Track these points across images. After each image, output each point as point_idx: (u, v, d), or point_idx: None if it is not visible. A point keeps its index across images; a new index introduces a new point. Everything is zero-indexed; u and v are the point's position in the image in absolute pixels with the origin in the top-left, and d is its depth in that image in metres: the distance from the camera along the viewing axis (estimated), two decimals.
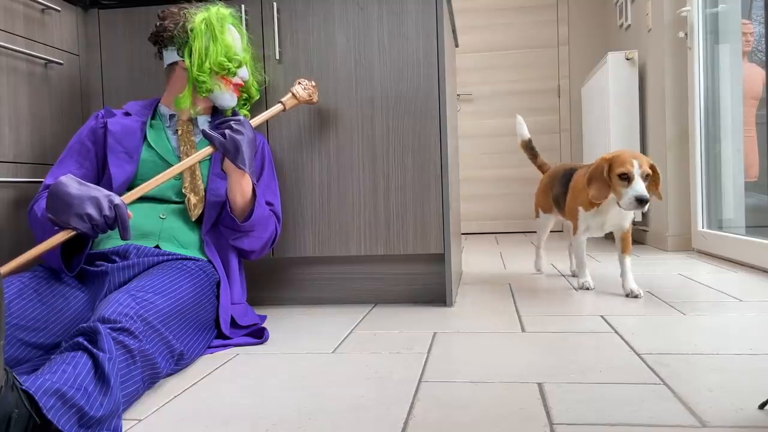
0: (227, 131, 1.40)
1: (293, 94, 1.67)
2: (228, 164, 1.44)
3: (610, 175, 1.80)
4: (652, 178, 1.82)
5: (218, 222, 1.54)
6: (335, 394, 1.06)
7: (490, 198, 4.65)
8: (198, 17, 1.56)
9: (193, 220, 1.51)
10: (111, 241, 1.44)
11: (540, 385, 1.07)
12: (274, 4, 1.78)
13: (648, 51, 3.38)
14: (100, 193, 1.21)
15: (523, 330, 1.48)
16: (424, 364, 1.22)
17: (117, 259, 1.38)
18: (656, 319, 1.55)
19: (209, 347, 1.37)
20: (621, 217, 1.96)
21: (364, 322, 1.61)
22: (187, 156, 1.54)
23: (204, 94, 1.57)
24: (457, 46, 2.62)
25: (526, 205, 4.61)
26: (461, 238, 3.62)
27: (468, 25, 4.64)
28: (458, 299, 1.91)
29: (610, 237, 3.97)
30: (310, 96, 1.70)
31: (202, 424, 0.94)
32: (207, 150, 1.42)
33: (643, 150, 3.51)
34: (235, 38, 1.62)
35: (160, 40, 1.61)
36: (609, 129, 3.43)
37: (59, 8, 1.73)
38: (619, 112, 3.42)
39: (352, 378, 1.14)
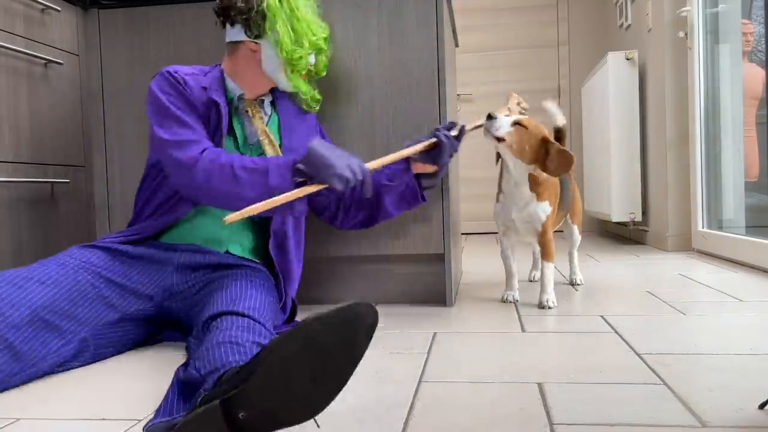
0: (455, 142, 1.53)
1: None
2: (422, 169, 1.55)
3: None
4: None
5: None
6: None
7: (490, 198, 4.64)
8: None
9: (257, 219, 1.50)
10: (183, 235, 1.46)
11: (540, 385, 1.07)
12: None
13: (648, 51, 3.38)
14: (354, 159, 1.33)
15: (523, 330, 1.48)
16: (424, 364, 1.22)
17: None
18: (656, 319, 1.55)
19: None
20: (529, 211, 1.77)
21: None
22: (268, 140, 1.47)
23: (301, 71, 1.48)
24: (457, 46, 2.62)
25: None
26: (461, 238, 3.62)
27: (468, 25, 4.64)
28: (458, 299, 1.91)
29: (609, 237, 3.97)
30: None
31: None
32: (418, 147, 1.50)
33: (643, 150, 3.51)
34: (310, 11, 1.50)
35: (228, 16, 1.45)
36: (609, 129, 3.43)
37: (59, 8, 1.73)
38: (619, 112, 3.41)
39: (352, 378, 1.14)
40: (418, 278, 1.86)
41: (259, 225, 1.53)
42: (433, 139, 1.50)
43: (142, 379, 1.18)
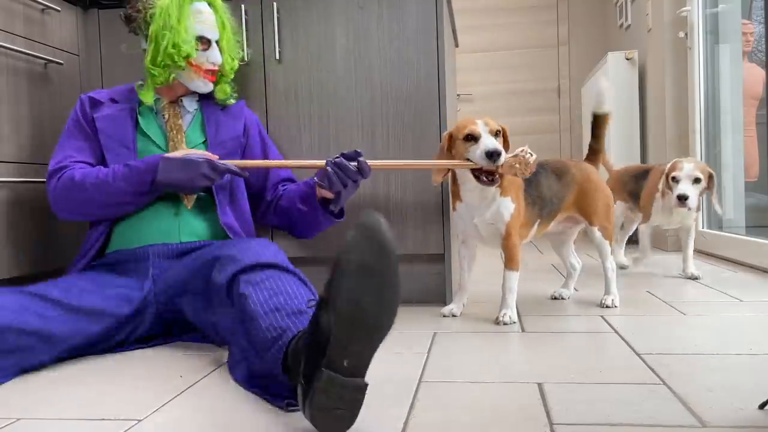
0: (350, 182, 1.44)
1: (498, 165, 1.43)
2: (324, 194, 1.52)
3: (452, 145, 1.51)
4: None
5: (234, 204, 1.56)
6: None
7: None
8: (160, 2, 1.49)
9: (189, 208, 1.50)
10: (136, 237, 1.47)
11: (540, 385, 1.07)
12: (274, 4, 1.77)
13: (648, 51, 3.38)
14: (203, 165, 1.40)
15: (523, 330, 1.48)
16: (424, 364, 1.22)
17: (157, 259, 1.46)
18: (656, 319, 1.55)
19: None
20: (491, 210, 1.54)
21: None
22: (174, 142, 1.52)
23: (158, 85, 1.52)
24: (457, 46, 2.62)
25: None
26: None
27: (468, 25, 4.64)
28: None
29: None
30: (515, 173, 1.45)
31: (202, 424, 0.94)
32: (304, 163, 1.50)
33: (643, 150, 3.51)
34: (204, 19, 1.52)
35: (130, 26, 1.55)
36: (609, 129, 3.43)
37: (59, 8, 1.73)
38: (619, 112, 3.42)
39: None
40: (418, 278, 1.86)
41: (206, 214, 1.53)
42: (322, 163, 1.46)
43: (142, 379, 1.18)
